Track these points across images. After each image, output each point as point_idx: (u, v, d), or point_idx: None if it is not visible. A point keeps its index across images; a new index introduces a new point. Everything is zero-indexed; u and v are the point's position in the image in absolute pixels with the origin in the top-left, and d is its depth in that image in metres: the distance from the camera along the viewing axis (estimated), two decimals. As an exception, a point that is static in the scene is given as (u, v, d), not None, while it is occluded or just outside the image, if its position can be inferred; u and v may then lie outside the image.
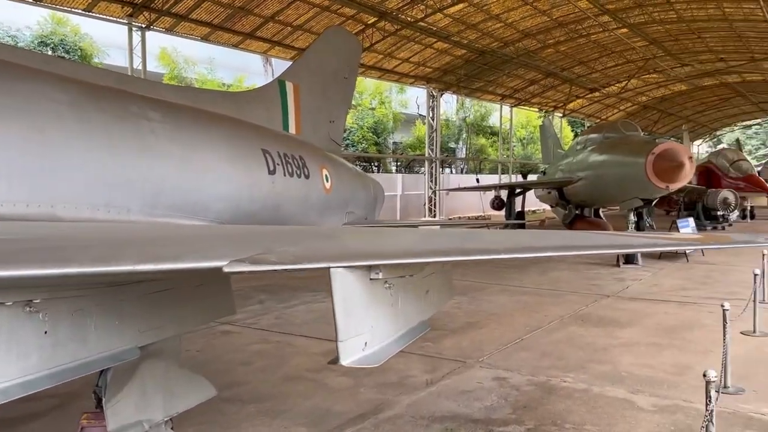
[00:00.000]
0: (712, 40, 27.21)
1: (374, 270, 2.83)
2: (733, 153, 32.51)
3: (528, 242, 3.55)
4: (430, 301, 3.79)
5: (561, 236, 4.15)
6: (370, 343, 2.87)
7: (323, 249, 2.89)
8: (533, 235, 4.69)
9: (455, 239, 3.81)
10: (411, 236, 4.37)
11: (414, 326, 3.42)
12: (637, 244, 3.67)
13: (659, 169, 12.52)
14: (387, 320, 3.07)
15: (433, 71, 25.19)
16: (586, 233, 5.73)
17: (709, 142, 68.48)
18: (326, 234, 3.89)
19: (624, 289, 12.42)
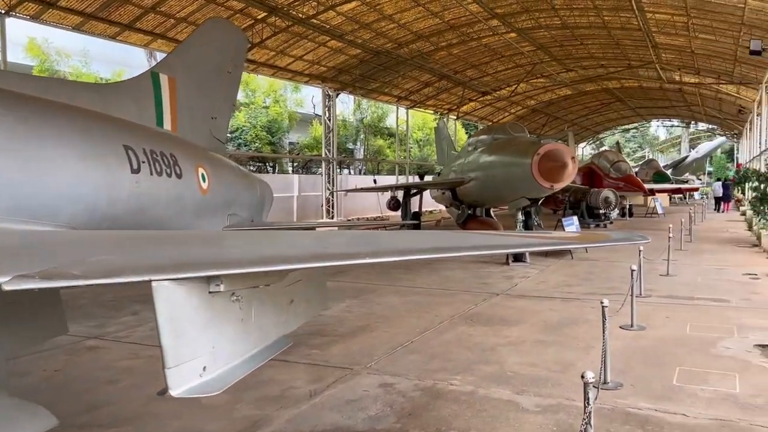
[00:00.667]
0: (594, 46, 28.73)
1: (214, 282, 2.43)
2: (613, 155, 34.53)
3: (397, 245, 3.27)
4: (295, 312, 3.42)
5: (438, 238, 3.91)
6: (210, 367, 2.46)
7: (150, 258, 2.46)
8: (411, 237, 4.44)
9: (318, 243, 3.46)
10: (271, 240, 3.97)
11: (272, 342, 3.04)
12: (513, 244, 3.50)
13: (544, 169, 12.87)
14: (234, 339, 2.67)
15: (328, 70, 24.84)
16: (464, 234, 5.58)
17: (593, 144, 72.82)
18: (163, 239, 3.43)
19: (513, 287, 12.63)
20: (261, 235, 4.87)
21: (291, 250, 3.07)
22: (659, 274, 13.66)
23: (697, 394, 6.17)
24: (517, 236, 4.08)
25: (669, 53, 27.50)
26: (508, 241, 3.74)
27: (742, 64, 25.20)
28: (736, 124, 46.42)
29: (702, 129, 70.09)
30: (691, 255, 16.95)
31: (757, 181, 21.35)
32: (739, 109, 37.48)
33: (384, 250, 2.92)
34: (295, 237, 4.37)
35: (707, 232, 23.55)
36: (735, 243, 20.03)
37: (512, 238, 3.92)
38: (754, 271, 13.92)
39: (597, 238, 4.78)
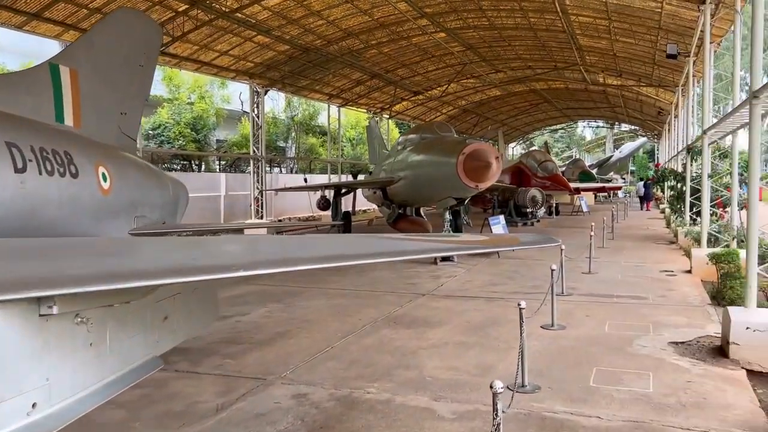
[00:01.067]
0: (521, 48, 29.23)
1: (45, 303, 2.06)
2: (541, 154, 35.34)
3: (286, 253, 2.96)
4: (171, 329, 3.06)
5: (334, 243, 3.64)
6: (43, 403, 2.09)
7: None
8: (310, 243, 4.15)
9: (194, 252, 3.12)
10: (134, 251, 3.59)
11: (135, 367, 2.68)
12: (412, 249, 3.26)
13: (469, 168, 12.85)
14: (79, 367, 2.30)
15: (255, 66, 24.16)
16: (366, 238, 5.31)
17: (523, 144, 74.50)
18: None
19: (439, 287, 12.54)
20: (128, 245, 4.44)
21: (154, 262, 2.72)
22: (582, 272, 13.90)
23: (613, 395, 6.16)
24: (421, 241, 3.86)
25: (592, 55, 28.31)
26: (407, 246, 3.51)
27: (660, 68, 26.22)
28: (656, 125, 48.47)
29: (625, 130, 72.93)
30: (613, 252, 17.41)
31: (674, 180, 22.22)
32: (658, 110, 39.13)
33: (267, 260, 2.61)
34: (171, 245, 3.98)
35: (629, 230, 24.34)
36: (654, 240, 20.76)
37: (412, 243, 3.69)
38: (670, 268, 14.38)
39: (506, 242, 4.64)
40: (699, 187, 19.71)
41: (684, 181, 20.66)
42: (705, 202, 14.48)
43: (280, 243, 4.52)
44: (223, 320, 9.73)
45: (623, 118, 55.02)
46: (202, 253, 3.07)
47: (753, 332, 6.95)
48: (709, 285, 12.17)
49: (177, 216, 10.39)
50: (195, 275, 2.31)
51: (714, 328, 8.68)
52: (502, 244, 4.51)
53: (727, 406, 5.86)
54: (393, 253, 3.31)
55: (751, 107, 7.27)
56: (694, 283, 12.41)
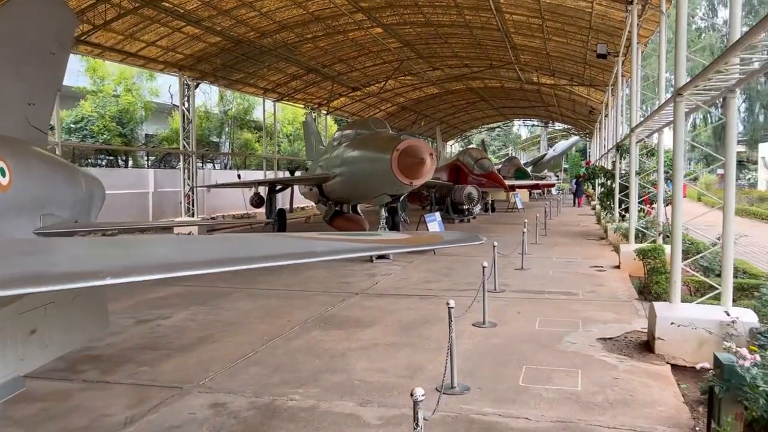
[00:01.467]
0: (458, 46, 29.37)
1: None
2: (478, 152, 35.69)
3: (172, 257, 2.62)
4: (41, 343, 2.66)
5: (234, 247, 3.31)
6: None
7: None
8: (206, 245, 3.80)
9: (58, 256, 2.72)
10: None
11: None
12: (323, 250, 2.98)
13: (403, 165, 12.67)
14: None
15: (185, 58, 23.26)
16: (276, 238, 4.99)
17: (461, 142, 75.37)
18: None
19: (373, 285, 12.31)
20: (20, 246, 3.99)
21: (37, 266, 2.33)
22: (514, 269, 13.97)
23: (542, 395, 6.06)
24: (338, 241, 3.58)
25: (526, 54, 28.76)
26: (319, 247, 3.23)
27: (591, 67, 26.89)
28: (588, 124, 49.89)
29: (559, 128, 74.87)
30: (545, 248, 17.64)
31: (604, 178, 22.80)
32: (589, 110, 40.24)
33: (149, 265, 2.27)
34: (74, 246, 3.55)
35: (561, 226, 24.85)
36: (585, 236, 21.22)
37: (326, 243, 3.40)
38: (600, 264, 14.65)
39: (429, 241, 4.42)
40: (627, 184, 20.33)
41: (613, 179, 21.21)
42: (633, 198, 14.82)
43: (179, 244, 4.13)
44: (142, 324, 9.20)
45: (557, 117, 56.44)
46: (99, 255, 2.69)
47: (677, 327, 7.02)
48: (636, 280, 12.44)
49: (91, 214, 9.74)
50: (48, 285, 1.95)
51: (641, 323, 8.79)
52: (425, 243, 4.29)
53: (652, 403, 5.86)
54: (302, 255, 3.02)
55: (675, 105, 7.34)
56: (623, 279, 12.66)
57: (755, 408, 4.66)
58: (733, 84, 6.87)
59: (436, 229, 17.40)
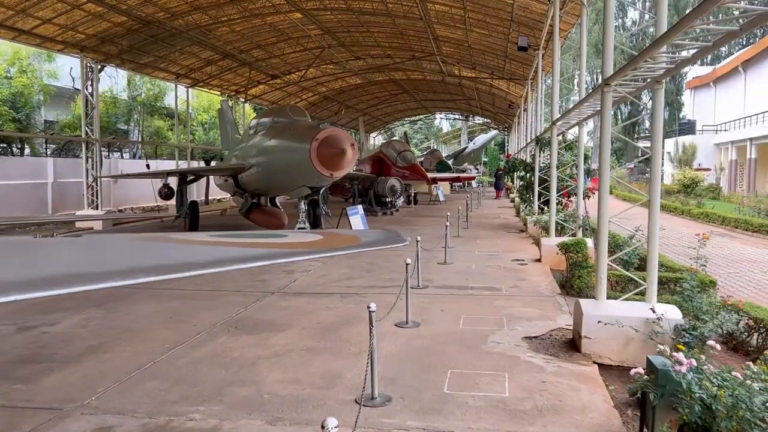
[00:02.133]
0: (380, 35, 28.85)
1: None
2: (400, 144, 35.44)
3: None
4: None
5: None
6: None
7: None
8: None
9: None
10: None
11: None
12: (204, 261, 2.33)
13: (323, 155, 12.00)
14: None
15: (87, 38, 21.47)
16: (160, 244, 4.29)
17: (384, 134, 75.22)
18: None
19: (291, 283, 11.62)
20: None
21: None
22: (437, 263, 13.65)
23: (468, 403, 5.63)
24: (242, 246, 2.95)
25: (448, 46, 28.62)
26: (224, 255, 2.58)
27: (512, 61, 27.07)
28: (507, 118, 50.81)
29: (479, 122, 76.13)
30: (468, 241, 17.48)
31: (523, 171, 22.98)
32: (509, 104, 40.85)
33: None
34: None
35: (482, 219, 24.93)
36: (506, 229, 21.29)
37: (229, 250, 2.76)
38: (522, 257, 14.56)
39: (344, 243, 3.85)
40: (547, 177, 20.53)
41: (533, 172, 21.38)
42: (553, 192, 14.82)
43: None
44: (25, 332, 8.13)
45: (477, 111, 57.18)
46: None
47: (604, 325, 6.79)
48: (558, 274, 12.39)
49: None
50: None
51: (565, 319, 8.59)
52: (342, 246, 3.72)
53: (582, 409, 5.55)
54: (178, 267, 2.38)
55: (603, 95, 7.09)
56: (544, 272, 12.56)
57: (687, 414, 4.40)
58: (660, 75, 6.67)
59: (358, 222, 16.86)
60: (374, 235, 4.67)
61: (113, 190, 28.19)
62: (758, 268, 14.81)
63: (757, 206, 26.15)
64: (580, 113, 12.94)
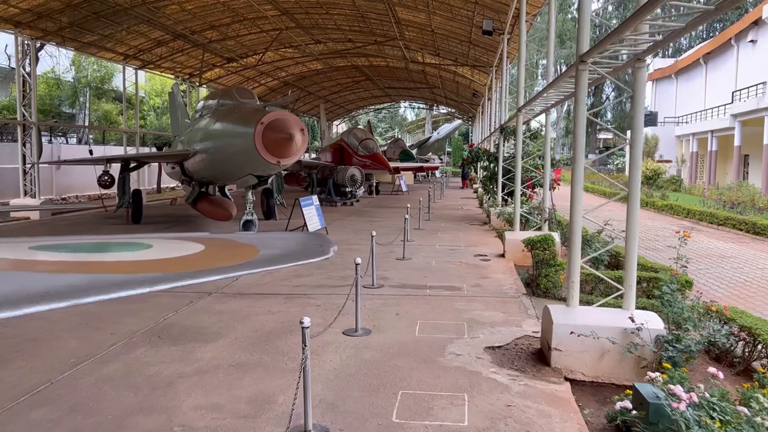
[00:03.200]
0: (340, 18, 27.68)
1: None
2: (362, 132, 34.39)
3: None
4: None
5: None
6: None
7: None
8: None
9: None
10: None
11: None
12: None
13: (269, 141, 10.88)
14: None
15: (21, 13, 19.78)
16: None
17: (348, 123, 73.90)
18: None
19: (233, 281, 10.54)
20: None
21: None
22: (396, 258, 12.75)
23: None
24: (87, 269, 1.96)
25: (412, 30, 27.63)
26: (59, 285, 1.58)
27: (476, 47, 26.24)
28: (471, 108, 50.16)
29: (443, 112, 75.49)
30: (428, 234, 16.61)
31: (487, 161, 22.22)
32: (473, 92, 40.13)
33: None
34: None
35: (445, 210, 24.13)
36: (468, 221, 20.51)
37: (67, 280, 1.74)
38: (484, 252, 13.76)
39: (233, 258, 2.88)
40: (511, 168, 19.79)
41: (497, 162, 20.62)
42: (518, 183, 14.03)
43: None
44: None
45: (441, 100, 56.37)
46: None
47: (577, 337, 5.95)
48: (523, 271, 11.62)
49: None
50: None
51: (532, 325, 7.77)
52: (226, 266, 2.75)
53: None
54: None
55: (578, 73, 6.21)
56: (509, 269, 11.76)
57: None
58: (642, 52, 5.82)
59: (312, 214, 15.81)
60: (291, 242, 3.68)
61: (56, 177, 26.50)
62: (728, 264, 14.30)
63: (720, 198, 25.98)
64: (547, 99, 12.15)
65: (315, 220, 15.73)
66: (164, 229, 17.38)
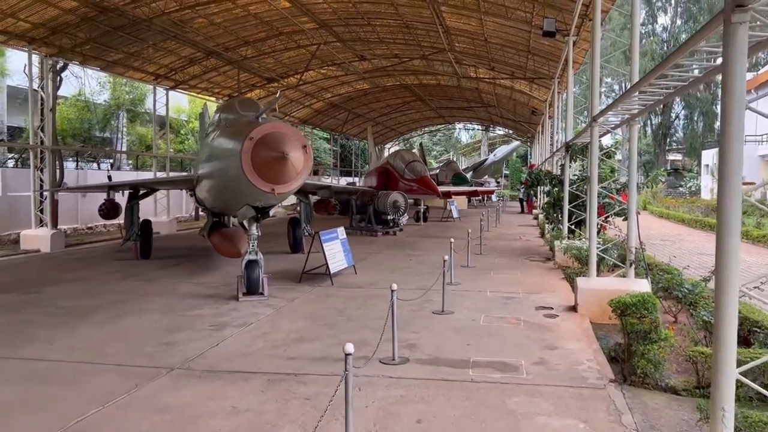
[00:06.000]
0: (383, 29, 25.26)
1: None
2: (409, 154, 31.86)
3: None
4: None
5: None
6: None
7: None
8: None
9: None
10: None
11: None
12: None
13: (259, 162, 8.21)
14: None
15: (34, 28, 18.17)
16: None
17: (402, 146, 71.43)
18: None
19: (211, 347, 7.94)
20: None
21: None
22: (432, 311, 9.91)
23: None
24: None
25: (462, 41, 24.87)
26: None
27: (535, 57, 23.23)
28: (530, 128, 46.87)
29: (500, 133, 72.20)
30: (478, 275, 13.65)
31: (549, 184, 19.11)
32: (532, 110, 36.94)
33: None
34: None
35: (500, 240, 21.08)
36: (528, 255, 17.41)
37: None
38: (549, 302, 10.72)
39: None
40: (579, 193, 16.71)
41: (561, 186, 17.52)
42: (592, 212, 10.95)
43: None
44: None
45: (497, 119, 53.19)
46: None
47: None
48: (604, 332, 8.62)
49: None
50: None
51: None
52: None
53: None
54: None
55: (730, 26, 3.29)
56: (584, 333, 8.70)
57: None
58: None
59: (337, 251, 13.18)
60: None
61: (81, 205, 24.93)
62: None
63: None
64: (629, 106, 9.18)
65: (339, 258, 13.07)
66: (171, 266, 15.10)
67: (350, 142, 60.41)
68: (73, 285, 12.53)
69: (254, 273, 10.73)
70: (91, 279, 13.29)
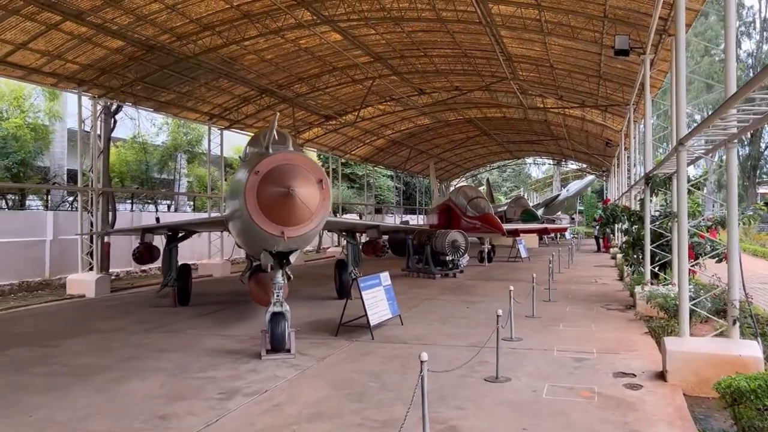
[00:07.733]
0: (440, 59, 24.03)
1: None
2: (472, 190, 30.21)
3: None
4: None
5: None
6: None
7: None
8: None
9: None
10: None
11: None
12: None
13: (265, 200, 6.88)
14: None
15: (83, 69, 18.00)
16: None
17: (470, 182, 69.57)
18: None
19: (208, 425, 6.55)
20: None
21: None
22: (484, 377, 8.15)
23: None
24: None
25: (525, 68, 23.24)
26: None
27: (607, 82, 21.28)
28: (605, 161, 44.20)
29: (572, 168, 69.19)
30: (544, 328, 11.76)
31: (627, 221, 16.94)
32: (606, 142, 34.57)
33: None
34: None
35: (572, 284, 18.92)
36: (604, 302, 15.27)
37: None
38: (631, 366, 8.74)
39: None
40: (662, 231, 14.60)
41: (641, 223, 15.40)
42: (682, 256, 8.96)
43: None
44: None
45: (569, 153, 50.68)
46: None
47: None
48: (701, 412, 6.67)
49: None
50: None
51: None
52: None
53: None
54: None
55: None
56: (677, 414, 6.71)
57: None
58: None
59: (380, 299, 11.70)
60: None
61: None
62: None
63: None
64: (727, 123, 7.38)
65: (382, 308, 11.56)
66: (205, 314, 13.99)
67: (415, 179, 59.27)
68: (95, 337, 11.56)
69: (279, 327, 9.35)
70: (118, 330, 12.31)
